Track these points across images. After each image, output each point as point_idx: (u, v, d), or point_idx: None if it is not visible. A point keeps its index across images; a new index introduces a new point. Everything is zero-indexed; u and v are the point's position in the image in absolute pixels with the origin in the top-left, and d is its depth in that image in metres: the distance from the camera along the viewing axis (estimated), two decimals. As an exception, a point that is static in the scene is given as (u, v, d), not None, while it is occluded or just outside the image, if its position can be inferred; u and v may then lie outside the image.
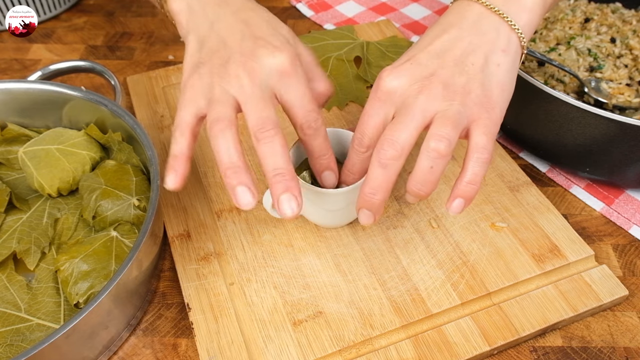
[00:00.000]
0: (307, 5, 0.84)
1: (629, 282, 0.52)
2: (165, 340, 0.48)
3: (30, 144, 0.53)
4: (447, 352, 0.45)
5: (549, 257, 0.51)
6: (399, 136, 0.41)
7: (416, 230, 0.53)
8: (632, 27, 0.65)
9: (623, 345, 0.47)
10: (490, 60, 0.43)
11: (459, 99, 0.41)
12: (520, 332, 0.46)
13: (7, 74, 0.73)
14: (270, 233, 0.53)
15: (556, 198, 0.59)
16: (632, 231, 0.56)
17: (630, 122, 0.49)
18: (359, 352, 0.45)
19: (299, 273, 0.50)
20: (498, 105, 0.42)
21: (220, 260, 0.51)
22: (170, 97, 0.66)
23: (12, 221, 0.51)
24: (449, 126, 0.40)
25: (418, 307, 0.47)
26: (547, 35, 0.65)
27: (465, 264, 0.50)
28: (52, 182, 0.52)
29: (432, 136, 0.40)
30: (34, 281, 0.48)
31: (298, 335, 0.46)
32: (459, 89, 0.41)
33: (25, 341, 0.44)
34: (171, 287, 0.52)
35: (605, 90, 0.60)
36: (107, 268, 0.46)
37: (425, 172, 0.41)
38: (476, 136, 0.41)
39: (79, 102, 0.54)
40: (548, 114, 0.54)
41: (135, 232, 0.49)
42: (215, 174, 0.58)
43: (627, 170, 0.55)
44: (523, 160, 0.62)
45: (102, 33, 0.80)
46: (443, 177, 0.57)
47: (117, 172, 0.52)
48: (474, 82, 0.42)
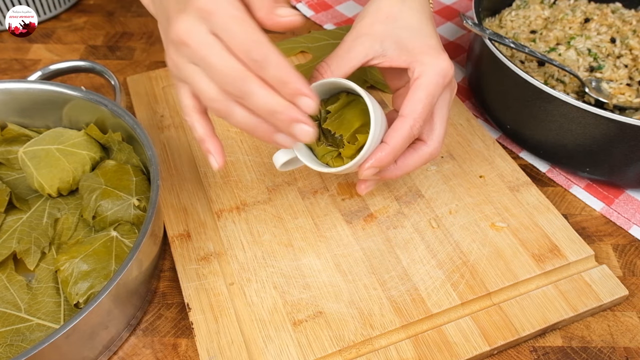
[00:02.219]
0: (307, 5, 0.84)
1: (629, 282, 0.52)
2: (165, 340, 0.48)
3: (30, 144, 0.53)
4: (447, 352, 0.45)
5: (549, 257, 0.51)
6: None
7: (416, 230, 0.53)
8: (632, 27, 0.65)
9: (623, 345, 0.47)
10: None
11: None
12: (520, 332, 0.46)
13: (7, 74, 0.73)
14: (270, 233, 0.53)
15: (556, 198, 0.59)
16: (632, 231, 0.56)
17: (630, 122, 0.49)
18: (359, 352, 0.45)
19: (299, 273, 0.50)
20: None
21: (220, 260, 0.51)
22: (170, 97, 0.66)
23: (12, 221, 0.51)
24: None
25: (418, 307, 0.47)
26: (547, 35, 0.65)
27: (465, 264, 0.50)
28: (52, 182, 0.52)
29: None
30: (34, 281, 0.48)
31: (298, 335, 0.46)
32: None
33: (25, 341, 0.44)
34: (171, 287, 0.52)
35: (606, 90, 0.60)
36: (107, 268, 0.46)
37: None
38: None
39: (79, 102, 0.54)
40: (548, 114, 0.54)
41: (135, 232, 0.49)
42: (215, 174, 0.58)
43: (627, 170, 0.55)
44: (523, 160, 0.62)
45: (102, 33, 0.80)
46: (443, 177, 0.57)
47: (117, 172, 0.52)
48: None
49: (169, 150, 0.60)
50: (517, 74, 0.54)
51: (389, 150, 0.44)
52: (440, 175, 0.58)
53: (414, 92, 0.45)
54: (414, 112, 0.44)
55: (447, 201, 0.55)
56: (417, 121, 0.44)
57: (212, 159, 0.42)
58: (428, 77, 0.45)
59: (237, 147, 0.60)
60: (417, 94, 0.44)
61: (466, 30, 0.79)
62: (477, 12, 0.61)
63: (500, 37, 0.57)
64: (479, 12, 0.62)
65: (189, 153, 0.60)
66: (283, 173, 0.57)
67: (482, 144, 0.61)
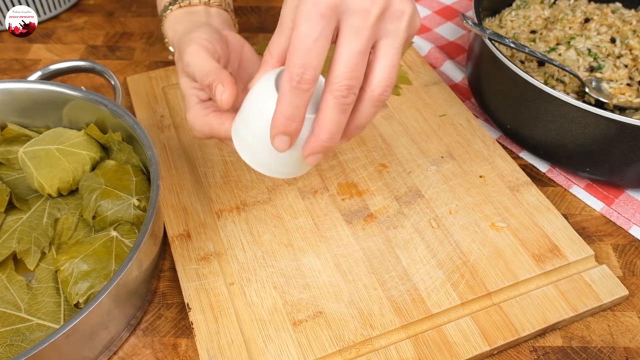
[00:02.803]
0: (307, 5, 0.84)
1: (629, 282, 0.52)
2: (165, 340, 0.48)
3: (30, 144, 0.53)
4: (447, 352, 0.45)
5: (549, 257, 0.51)
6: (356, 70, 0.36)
7: (416, 230, 0.53)
8: (632, 27, 0.65)
9: (623, 345, 0.47)
10: None
11: None
12: (520, 332, 0.46)
13: (7, 74, 0.73)
14: (270, 233, 0.53)
15: (556, 198, 0.59)
16: (632, 231, 0.56)
17: (630, 122, 0.49)
18: (359, 352, 0.45)
19: (299, 273, 0.50)
20: None
21: (220, 260, 0.51)
22: (170, 97, 0.66)
23: (12, 221, 0.51)
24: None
25: (418, 307, 0.47)
26: (547, 35, 0.65)
27: (465, 264, 0.50)
28: (52, 182, 0.52)
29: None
30: (34, 281, 0.48)
31: (298, 335, 0.46)
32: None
33: (25, 341, 0.44)
34: (171, 287, 0.52)
35: (607, 90, 0.60)
36: (107, 268, 0.46)
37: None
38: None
39: (79, 102, 0.54)
40: (548, 114, 0.54)
41: (135, 232, 0.49)
42: (215, 174, 0.58)
43: (627, 170, 0.55)
44: (523, 160, 0.62)
45: (102, 33, 0.80)
46: (443, 177, 0.57)
47: (117, 172, 0.52)
48: None
49: (169, 150, 0.60)
50: (517, 74, 0.54)
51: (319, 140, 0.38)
52: (440, 175, 0.58)
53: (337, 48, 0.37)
54: (335, 79, 0.37)
55: (447, 201, 0.55)
56: (341, 88, 0.37)
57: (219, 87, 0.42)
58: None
59: (237, 147, 0.60)
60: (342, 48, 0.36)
61: (466, 30, 0.79)
62: (477, 12, 0.61)
63: (500, 37, 0.58)
64: (479, 12, 0.62)
65: (189, 153, 0.60)
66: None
67: (482, 144, 0.61)
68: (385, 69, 0.38)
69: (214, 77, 0.43)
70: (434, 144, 0.61)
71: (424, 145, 0.61)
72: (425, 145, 0.61)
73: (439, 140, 0.61)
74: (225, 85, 0.43)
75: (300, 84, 0.36)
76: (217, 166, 0.58)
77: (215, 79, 0.43)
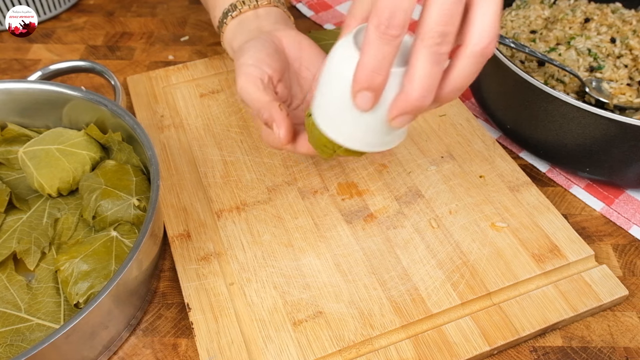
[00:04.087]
0: (307, 5, 0.84)
1: (629, 282, 0.52)
2: (165, 340, 0.48)
3: (30, 144, 0.53)
4: (447, 352, 0.45)
5: (549, 257, 0.51)
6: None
7: (416, 230, 0.53)
8: (632, 27, 0.65)
9: (623, 345, 0.47)
10: None
11: None
12: (520, 332, 0.46)
13: (7, 74, 0.73)
14: (270, 233, 0.53)
15: (556, 198, 0.59)
16: (632, 231, 0.56)
17: (630, 122, 0.49)
18: (359, 352, 0.45)
19: (299, 273, 0.50)
20: None
21: (220, 260, 0.51)
22: (170, 97, 0.66)
23: (12, 221, 0.51)
24: None
25: (418, 307, 0.47)
26: (547, 35, 0.65)
27: (465, 264, 0.50)
28: (52, 182, 0.52)
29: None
30: (34, 281, 0.48)
31: (298, 335, 0.46)
32: None
33: (25, 341, 0.44)
34: (171, 287, 0.52)
35: (607, 91, 0.60)
36: (107, 268, 0.46)
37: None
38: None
39: (79, 102, 0.54)
40: (548, 114, 0.54)
41: (135, 232, 0.49)
42: (215, 174, 0.58)
43: (627, 170, 0.55)
44: (523, 160, 0.62)
45: (102, 33, 0.80)
46: (443, 177, 0.57)
47: (117, 172, 0.52)
48: None
49: (169, 150, 0.60)
50: (517, 74, 0.54)
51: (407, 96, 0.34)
52: (440, 175, 0.58)
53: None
54: (427, 27, 0.32)
55: (447, 201, 0.55)
56: (434, 38, 0.32)
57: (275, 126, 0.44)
58: None
59: (237, 147, 0.60)
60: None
61: (466, 30, 0.79)
62: (477, 12, 0.61)
63: (501, 37, 0.57)
64: (479, 12, 0.62)
65: (189, 153, 0.60)
66: (283, 173, 0.57)
67: (482, 144, 0.61)
68: (487, 16, 0.33)
69: (267, 115, 0.44)
70: (434, 144, 0.61)
71: (424, 145, 0.61)
72: (425, 145, 0.61)
73: (439, 140, 0.61)
74: (277, 123, 0.43)
75: (388, 28, 0.31)
76: (217, 166, 0.58)
77: (269, 117, 0.44)
